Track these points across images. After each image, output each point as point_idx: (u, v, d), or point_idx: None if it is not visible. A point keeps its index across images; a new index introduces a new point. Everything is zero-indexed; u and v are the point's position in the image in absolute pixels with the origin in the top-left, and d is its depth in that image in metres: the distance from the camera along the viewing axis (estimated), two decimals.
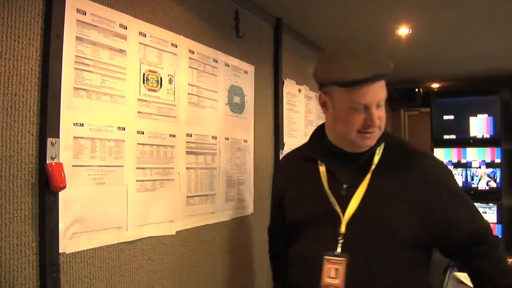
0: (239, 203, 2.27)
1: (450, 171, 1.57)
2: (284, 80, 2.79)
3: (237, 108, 2.25)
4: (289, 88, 2.86)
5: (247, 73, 2.36)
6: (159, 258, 1.76)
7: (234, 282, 2.25)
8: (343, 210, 1.47)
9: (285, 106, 2.79)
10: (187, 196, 1.89)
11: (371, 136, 1.48)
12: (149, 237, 1.71)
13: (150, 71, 1.72)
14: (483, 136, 4.51)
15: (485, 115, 4.51)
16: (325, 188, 1.52)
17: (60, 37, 1.35)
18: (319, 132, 1.64)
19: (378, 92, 1.44)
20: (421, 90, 4.82)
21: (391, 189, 1.47)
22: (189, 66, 1.92)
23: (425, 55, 3.76)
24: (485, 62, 3.94)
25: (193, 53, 1.95)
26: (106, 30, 1.52)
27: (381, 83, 1.45)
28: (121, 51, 1.59)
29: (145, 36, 1.70)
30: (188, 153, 1.90)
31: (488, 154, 4.47)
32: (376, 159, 1.52)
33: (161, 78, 1.77)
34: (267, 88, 2.61)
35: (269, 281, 2.57)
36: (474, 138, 4.52)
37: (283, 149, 2.70)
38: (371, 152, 1.51)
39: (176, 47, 1.85)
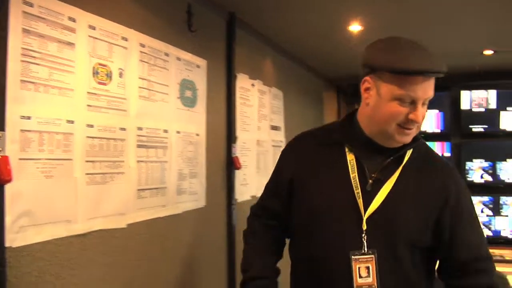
0: (191, 196, 2.29)
1: (468, 191, 1.55)
2: (237, 74, 2.82)
3: (189, 102, 2.27)
4: (242, 82, 2.89)
5: (199, 67, 2.38)
6: (110, 251, 1.76)
7: (187, 273, 2.27)
8: (366, 206, 1.43)
9: (238, 100, 2.82)
10: (138, 189, 1.90)
11: (409, 133, 1.43)
12: (100, 230, 1.71)
13: (100, 64, 1.71)
14: (433, 131, 4.66)
15: (436, 111, 4.67)
16: (351, 178, 1.46)
17: (4, 28, 1.33)
18: (350, 119, 1.56)
19: (429, 88, 1.41)
20: None
21: (414, 193, 1.45)
22: (140, 60, 1.93)
23: None
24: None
25: (144, 46, 1.96)
26: (54, 23, 1.51)
27: (433, 81, 1.42)
28: (70, 44, 1.58)
29: (95, 29, 1.69)
30: (139, 146, 1.91)
31: (438, 148, 4.62)
32: (406, 158, 1.48)
33: (111, 72, 1.77)
34: (219, 83, 2.63)
35: (221, 272, 2.62)
36: (425, 132, 4.66)
37: (235, 143, 2.73)
38: (404, 151, 1.47)
39: (127, 40, 1.85)
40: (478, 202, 4.33)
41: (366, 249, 1.41)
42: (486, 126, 4.48)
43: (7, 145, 1.34)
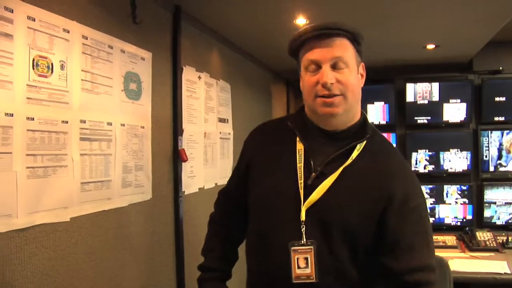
0: (137, 189, 2.28)
1: (423, 194, 1.51)
2: (184, 67, 2.82)
3: (133, 94, 2.26)
4: (189, 75, 2.89)
5: (144, 59, 2.37)
6: (53, 245, 1.75)
7: (134, 266, 2.27)
8: (305, 198, 1.43)
9: (184, 93, 2.82)
10: (82, 183, 1.89)
11: (330, 102, 1.41)
12: (42, 224, 1.69)
13: (40, 56, 1.68)
14: (379, 122, 4.78)
15: (381, 103, 4.79)
16: (298, 168, 1.47)
17: None
18: (301, 109, 1.60)
19: (330, 48, 1.41)
20: None
21: (356, 189, 1.44)
22: (82, 52, 1.91)
23: None
24: (381, 52, 4.18)
25: (86, 38, 1.94)
26: None
27: (335, 41, 1.42)
28: (7, 35, 1.54)
29: (34, 21, 1.66)
30: (82, 139, 1.89)
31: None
32: (355, 154, 1.47)
33: (52, 64, 1.74)
34: (165, 75, 2.63)
35: (169, 264, 2.63)
36: (371, 124, 4.77)
37: (182, 135, 2.73)
38: (353, 145, 1.47)
39: (68, 32, 1.83)
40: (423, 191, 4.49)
41: (305, 240, 1.43)
42: (429, 118, 4.64)
43: None
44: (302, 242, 1.43)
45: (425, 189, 4.49)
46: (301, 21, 3.09)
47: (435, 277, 1.42)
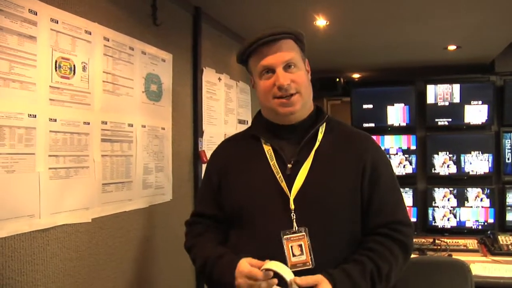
0: (157, 190, 2.29)
1: (387, 158, 1.67)
2: (204, 68, 2.82)
3: (154, 96, 2.26)
4: (209, 76, 2.90)
5: (164, 61, 2.37)
6: (75, 245, 1.76)
7: (154, 268, 2.28)
8: (289, 188, 1.49)
9: (205, 94, 2.82)
10: (103, 184, 1.90)
11: (288, 102, 1.51)
12: (64, 224, 1.70)
13: (62, 58, 1.70)
14: (399, 124, 4.73)
15: (402, 104, 4.73)
16: (271, 166, 1.54)
17: None
18: (259, 113, 1.70)
19: (280, 53, 1.51)
20: (341, 80, 4.99)
21: (332, 167, 1.53)
22: (104, 54, 1.92)
23: (343, 46, 3.90)
24: (402, 54, 4.16)
25: (108, 40, 1.95)
26: (14, 15, 1.49)
27: (285, 43, 1.52)
28: (31, 37, 1.56)
29: (57, 23, 1.68)
30: (103, 140, 1.90)
31: (404, 141, 4.69)
32: (320, 136, 1.57)
33: (74, 66, 1.75)
34: (185, 77, 2.64)
35: (188, 265, 2.62)
36: (392, 126, 4.72)
37: (202, 137, 2.74)
38: (314, 130, 1.56)
39: (90, 34, 1.84)
40: (445, 193, 4.44)
41: (296, 227, 1.46)
42: (450, 120, 4.58)
43: None
44: (294, 229, 1.46)
45: (446, 191, 4.43)
46: (321, 22, 3.07)
47: (409, 229, 1.57)
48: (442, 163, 4.58)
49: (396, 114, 4.75)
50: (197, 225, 1.70)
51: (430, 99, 4.61)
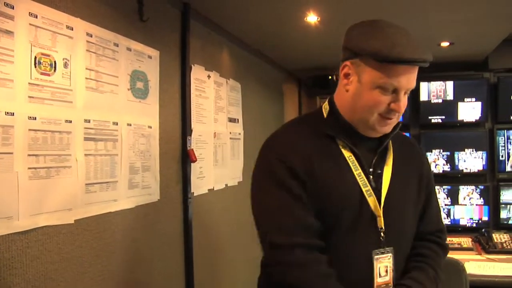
0: (144, 190, 2.23)
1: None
2: (192, 65, 2.77)
3: (140, 93, 2.21)
4: (198, 74, 2.84)
5: (151, 58, 2.32)
6: (57, 248, 1.70)
7: (141, 270, 2.22)
8: (379, 204, 1.41)
9: (193, 92, 2.77)
10: (86, 184, 1.84)
11: (390, 122, 1.41)
12: (45, 226, 1.64)
13: (42, 54, 1.64)
14: None
15: None
16: (356, 176, 1.41)
17: None
18: (331, 110, 1.49)
19: (413, 78, 1.38)
20: (334, 77, 4.95)
21: (406, 180, 1.53)
22: (86, 50, 1.86)
23: (335, 42, 3.80)
24: None
25: (91, 36, 1.89)
26: None
27: (416, 70, 1.39)
28: (8, 32, 1.50)
29: (37, 17, 1.62)
30: (86, 139, 1.84)
31: None
32: (390, 146, 1.52)
33: (55, 62, 1.69)
34: (173, 74, 2.58)
35: (177, 266, 2.58)
36: None
37: (191, 135, 2.68)
38: (388, 140, 1.48)
39: (72, 29, 1.78)
40: (438, 191, 4.42)
41: (384, 247, 1.41)
42: (444, 117, 4.56)
43: None
44: (383, 250, 1.41)
45: (440, 189, 4.41)
46: (312, 18, 3.03)
47: (446, 237, 1.67)
48: (436, 161, 4.55)
49: None
50: (314, 254, 1.38)
51: (423, 96, 4.58)
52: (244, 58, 3.70)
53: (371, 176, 1.43)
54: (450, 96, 4.53)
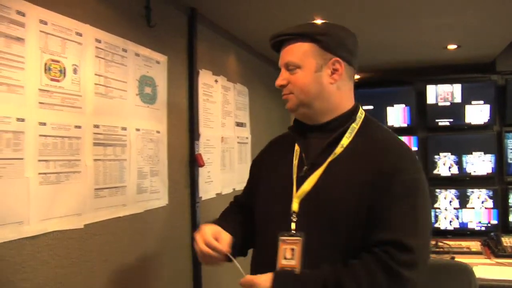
0: (152, 195, 2.24)
1: (418, 171, 1.46)
2: (200, 70, 2.78)
3: (148, 98, 2.22)
4: (205, 78, 2.85)
5: (159, 63, 2.33)
6: (66, 252, 1.71)
7: (149, 274, 2.23)
8: (297, 190, 1.46)
9: (201, 96, 2.78)
10: (95, 189, 1.85)
11: (285, 99, 1.55)
12: (55, 231, 1.65)
13: (52, 60, 1.65)
14: (400, 125, 4.70)
15: (402, 105, 4.70)
16: (293, 166, 1.53)
17: None
18: None
19: (283, 54, 1.54)
20: None
21: (347, 175, 1.42)
22: (95, 56, 1.88)
23: None
24: (400, 54, 4.12)
25: (100, 42, 1.90)
26: (1, 17, 1.45)
27: (287, 46, 1.53)
28: (19, 39, 1.52)
29: (46, 24, 1.63)
30: (95, 144, 1.85)
31: (405, 142, 4.65)
32: (346, 142, 1.48)
33: (64, 68, 1.71)
34: (181, 79, 2.59)
35: (186, 271, 2.58)
36: (392, 127, 4.69)
37: (198, 140, 2.69)
38: (339, 133, 1.48)
39: (81, 36, 1.80)
40: (446, 195, 4.40)
41: (294, 231, 1.44)
42: (451, 120, 4.55)
43: None
44: (291, 232, 1.44)
45: (448, 193, 4.39)
46: (318, 22, 3.03)
47: (409, 258, 1.31)
48: (444, 164, 4.54)
49: (396, 115, 4.72)
50: (229, 207, 1.83)
51: (430, 100, 4.58)
52: (251, 62, 3.71)
53: (306, 167, 1.49)
54: (457, 99, 4.53)
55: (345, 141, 1.48)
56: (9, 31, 1.48)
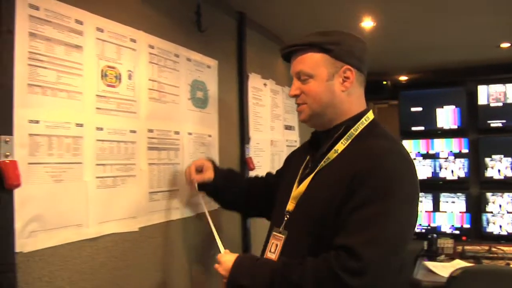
0: (204, 198, 2.26)
1: (392, 178, 1.40)
2: (249, 74, 2.79)
3: (200, 103, 2.25)
4: (254, 82, 2.87)
5: (210, 67, 2.36)
6: (122, 255, 1.75)
7: (201, 277, 2.25)
8: (294, 191, 1.59)
9: (250, 100, 2.79)
10: (150, 192, 1.88)
11: (298, 111, 1.64)
12: (112, 234, 1.69)
13: (108, 66, 1.70)
14: (450, 127, 4.58)
15: (452, 106, 4.58)
16: (301, 170, 1.65)
17: (11, 32, 1.32)
18: None
19: (294, 64, 1.62)
20: (388, 82, 4.87)
21: (328, 180, 1.48)
22: (149, 61, 1.91)
23: (391, 47, 3.81)
24: (451, 54, 4.02)
25: (153, 48, 1.94)
26: (61, 26, 1.50)
27: (297, 57, 1.60)
28: (77, 46, 1.56)
29: (103, 32, 1.68)
30: (149, 148, 1.89)
31: (455, 144, 4.54)
32: (341, 147, 1.52)
33: (120, 74, 1.75)
34: (231, 83, 2.61)
35: None
36: (442, 129, 4.59)
37: (248, 143, 2.70)
38: (334, 139, 1.54)
39: (135, 42, 1.84)
40: (495, 200, 4.27)
41: (282, 228, 1.58)
42: (504, 121, 4.40)
43: (16, 150, 1.33)
44: (279, 229, 1.59)
45: (499, 197, 4.25)
46: (367, 23, 3.00)
47: (356, 266, 1.29)
48: (496, 167, 4.39)
49: (446, 116, 4.60)
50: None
51: (481, 100, 4.44)
52: None
53: (307, 170, 1.60)
54: (510, 99, 4.37)
55: (340, 146, 1.52)
56: (68, 39, 1.53)
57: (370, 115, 1.60)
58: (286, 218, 1.57)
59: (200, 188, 1.99)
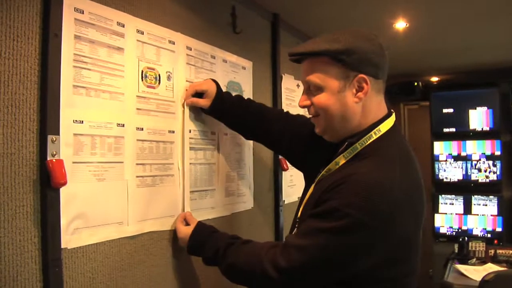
0: (239, 198, 2.29)
1: (358, 209, 1.29)
2: (283, 75, 2.81)
3: None
4: (288, 83, 2.88)
5: (245, 68, 2.38)
6: (160, 252, 1.78)
7: None
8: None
9: (284, 101, 2.80)
10: (189, 191, 1.91)
11: (313, 121, 1.56)
12: (150, 232, 1.73)
13: (148, 68, 1.73)
14: (482, 128, 4.51)
15: (485, 108, 4.51)
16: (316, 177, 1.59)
17: (58, 35, 1.36)
18: None
19: (303, 73, 1.51)
20: (420, 83, 4.82)
21: (318, 192, 1.46)
22: (186, 63, 1.94)
23: (423, 48, 3.77)
24: (484, 55, 3.96)
25: (190, 49, 1.97)
26: (104, 28, 1.54)
27: (306, 65, 1.50)
28: (119, 48, 1.60)
29: (143, 34, 1.71)
30: (188, 149, 1.92)
31: (488, 146, 4.47)
32: (342, 161, 1.46)
33: (159, 75, 1.78)
34: (265, 84, 2.63)
35: None
36: (474, 130, 4.52)
37: None
38: (339, 151, 1.48)
39: (174, 44, 1.87)
40: None
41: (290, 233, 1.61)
42: None
43: (62, 149, 1.37)
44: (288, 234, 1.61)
45: None
46: (400, 24, 2.98)
47: (282, 262, 1.40)
48: None
49: (479, 118, 4.53)
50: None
51: None
52: None
53: (316, 179, 1.56)
54: None
55: (342, 160, 1.46)
56: (111, 41, 1.57)
57: (384, 126, 1.47)
58: (296, 225, 1.57)
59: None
